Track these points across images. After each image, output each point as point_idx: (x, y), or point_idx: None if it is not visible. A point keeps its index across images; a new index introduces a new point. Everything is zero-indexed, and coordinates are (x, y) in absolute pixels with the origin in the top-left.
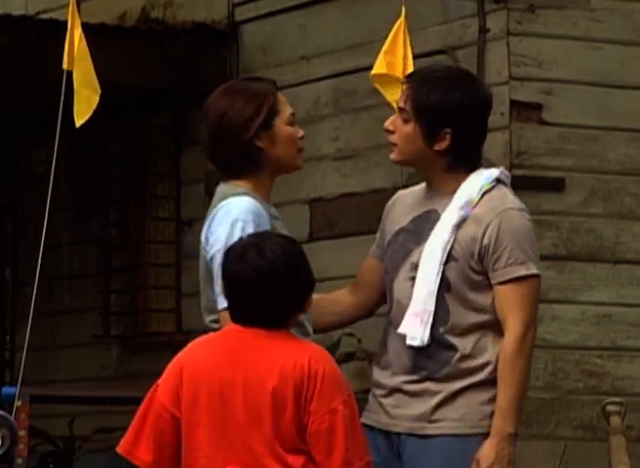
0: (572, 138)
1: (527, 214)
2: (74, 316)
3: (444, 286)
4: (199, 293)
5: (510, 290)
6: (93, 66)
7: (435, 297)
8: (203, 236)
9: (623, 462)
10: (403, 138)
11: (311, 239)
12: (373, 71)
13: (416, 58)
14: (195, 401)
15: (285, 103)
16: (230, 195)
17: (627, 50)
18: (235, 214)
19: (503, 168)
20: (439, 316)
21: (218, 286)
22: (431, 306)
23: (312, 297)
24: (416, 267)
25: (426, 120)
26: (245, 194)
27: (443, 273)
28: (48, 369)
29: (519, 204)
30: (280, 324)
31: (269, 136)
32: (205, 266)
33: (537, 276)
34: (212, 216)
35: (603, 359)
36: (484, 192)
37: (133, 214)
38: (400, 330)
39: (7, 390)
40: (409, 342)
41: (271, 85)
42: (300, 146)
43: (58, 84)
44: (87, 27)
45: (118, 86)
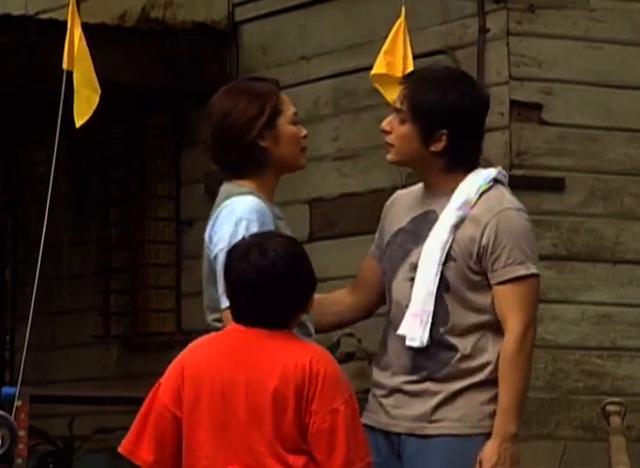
0: (572, 138)
1: (525, 214)
2: (74, 316)
3: (443, 286)
4: (199, 293)
5: (510, 290)
6: (93, 66)
7: (434, 298)
8: (207, 235)
9: (623, 462)
10: (400, 139)
11: (311, 239)
12: (373, 71)
13: (416, 58)
14: (197, 401)
15: (288, 103)
16: (234, 194)
17: (627, 50)
18: (239, 212)
19: (501, 167)
20: (438, 316)
21: (221, 285)
22: (430, 307)
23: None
24: (415, 268)
25: (423, 121)
26: (249, 193)
27: (442, 273)
28: (48, 369)
29: (517, 204)
30: (282, 324)
31: (273, 136)
32: (208, 265)
33: (536, 275)
34: (216, 215)
35: (603, 359)
36: (482, 192)
37: (133, 214)
38: (400, 331)
39: (7, 390)
40: (408, 343)
41: (274, 85)
42: (304, 145)
43: (58, 84)
44: (87, 27)
45: (118, 86)
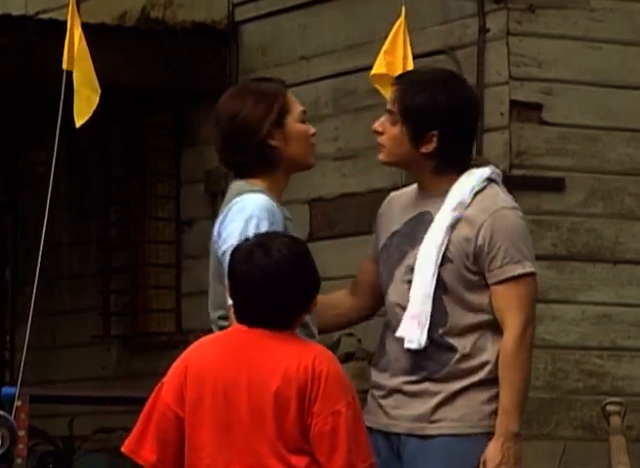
0: (572, 138)
1: (520, 213)
2: (74, 316)
3: (440, 287)
4: (199, 293)
5: (507, 289)
6: (93, 66)
7: (432, 300)
8: (215, 231)
9: (623, 462)
10: (391, 140)
11: (311, 239)
12: (373, 71)
13: (416, 58)
14: (199, 400)
15: (295, 102)
16: (245, 191)
17: (627, 50)
18: (250, 210)
19: (494, 166)
20: (437, 318)
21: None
22: (428, 308)
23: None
24: (411, 270)
25: (413, 122)
26: (260, 192)
27: (439, 275)
28: (48, 369)
29: (512, 202)
30: (285, 324)
31: (282, 135)
32: (215, 261)
33: (533, 274)
34: (225, 212)
35: (603, 359)
36: (476, 192)
37: (133, 214)
38: (398, 333)
39: (7, 390)
40: (407, 345)
41: (281, 85)
42: (313, 143)
43: (58, 84)
44: (87, 27)
45: (118, 86)
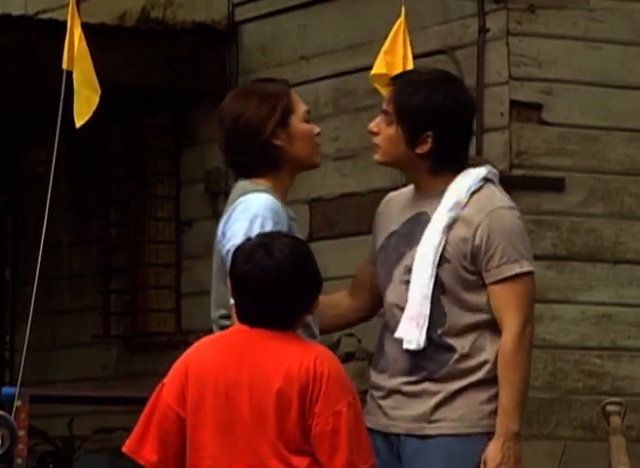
0: (572, 138)
1: (517, 212)
2: (74, 316)
3: (438, 288)
4: (199, 294)
5: (505, 289)
6: (93, 66)
7: (430, 300)
8: (219, 231)
9: (623, 462)
10: (386, 141)
11: (311, 239)
12: (372, 71)
13: (415, 58)
14: (200, 400)
15: (299, 101)
16: (250, 191)
17: (627, 50)
18: (255, 209)
19: (491, 166)
20: (435, 318)
21: None
22: (427, 309)
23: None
24: (409, 271)
25: (408, 123)
26: (264, 191)
27: (437, 275)
28: (48, 369)
29: (508, 202)
30: (287, 324)
31: (287, 135)
32: (219, 260)
33: (530, 273)
34: (230, 211)
35: (603, 359)
36: (472, 192)
37: (133, 214)
38: (397, 334)
39: (7, 390)
40: (406, 346)
41: (284, 85)
42: (317, 143)
43: (58, 84)
44: (87, 27)
45: (118, 86)
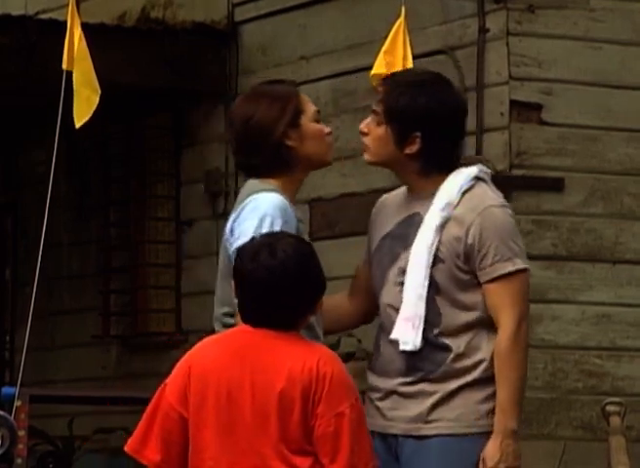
0: (572, 138)
1: (509, 210)
2: (74, 316)
3: (433, 288)
4: (199, 293)
5: (499, 287)
6: (93, 66)
7: (425, 301)
8: (227, 228)
9: (623, 462)
10: (376, 141)
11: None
12: (372, 71)
13: (415, 58)
14: (203, 401)
15: (308, 102)
16: (259, 190)
17: (627, 50)
18: (264, 209)
19: (482, 165)
20: (431, 319)
21: None
22: (422, 310)
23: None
24: (403, 272)
25: (396, 123)
26: (274, 191)
27: (431, 275)
28: (48, 369)
29: (500, 200)
30: (290, 325)
31: (298, 135)
32: (226, 258)
33: (525, 270)
34: (239, 210)
35: (602, 359)
36: (464, 191)
37: (133, 214)
38: (392, 335)
39: (7, 390)
40: (402, 347)
41: (292, 86)
42: (329, 142)
43: (58, 84)
44: (87, 27)
45: (118, 86)
